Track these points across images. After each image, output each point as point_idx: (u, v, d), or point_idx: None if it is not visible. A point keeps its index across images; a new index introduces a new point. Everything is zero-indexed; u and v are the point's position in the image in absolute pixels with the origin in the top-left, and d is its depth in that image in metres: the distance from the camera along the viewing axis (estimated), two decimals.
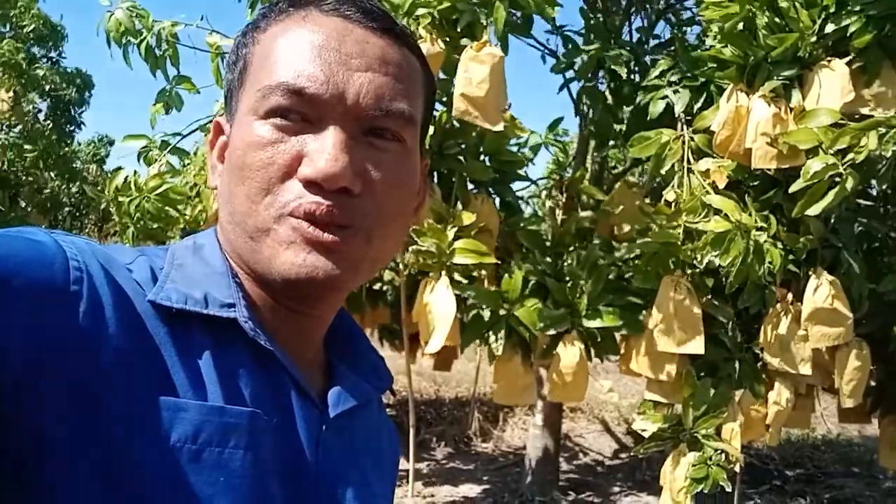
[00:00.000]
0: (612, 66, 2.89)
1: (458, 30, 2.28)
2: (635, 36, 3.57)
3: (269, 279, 0.54)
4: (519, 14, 2.62)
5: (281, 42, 0.55)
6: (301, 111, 0.53)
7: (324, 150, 0.52)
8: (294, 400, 0.55)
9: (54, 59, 5.79)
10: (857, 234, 2.63)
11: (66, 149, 5.95)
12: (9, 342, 0.41)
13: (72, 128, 6.24)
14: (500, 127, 2.28)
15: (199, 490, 0.47)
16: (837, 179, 2.00)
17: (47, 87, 5.70)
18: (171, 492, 0.46)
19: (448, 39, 2.30)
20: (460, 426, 5.44)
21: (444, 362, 3.54)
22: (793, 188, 2.12)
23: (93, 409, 0.44)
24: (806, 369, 2.40)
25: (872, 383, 2.88)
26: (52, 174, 5.89)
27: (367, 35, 0.55)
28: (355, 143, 0.53)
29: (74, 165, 6.31)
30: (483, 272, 2.79)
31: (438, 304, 2.40)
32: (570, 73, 3.25)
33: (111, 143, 7.04)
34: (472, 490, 4.46)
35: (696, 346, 2.35)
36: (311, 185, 0.52)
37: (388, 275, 3.78)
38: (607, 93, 3.18)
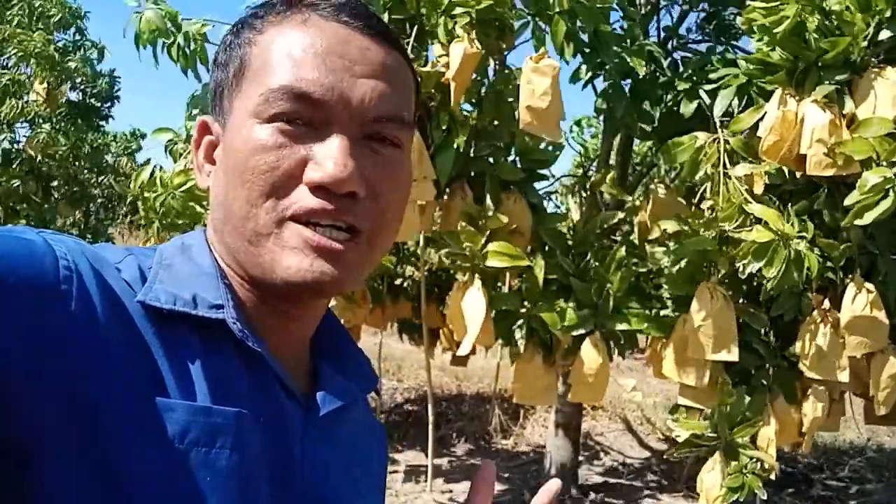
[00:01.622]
0: (632, 65, 2.84)
1: (507, 43, 2.26)
2: (662, 35, 3.51)
3: (268, 283, 0.54)
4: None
5: (282, 45, 0.54)
6: (305, 116, 0.53)
7: (331, 155, 0.52)
8: (281, 401, 0.55)
9: (79, 44, 5.81)
10: (892, 240, 2.58)
11: (99, 141, 6.00)
12: (0, 342, 0.41)
13: (101, 122, 6.28)
14: (560, 138, 2.29)
15: (186, 490, 0.47)
16: (891, 191, 1.96)
17: (79, 80, 5.74)
18: (158, 492, 0.46)
19: (486, 38, 2.29)
20: (481, 422, 5.44)
21: (462, 358, 3.54)
22: (849, 200, 2.08)
23: (82, 408, 0.44)
24: (844, 377, 2.36)
25: None
26: (84, 166, 5.95)
27: (368, 42, 0.56)
28: (358, 149, 0.54)
29: (106, 158, 6.35)
30: (508, 273, 2.78)
31: (471, 307, 2.40)
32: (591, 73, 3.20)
33: (143, 136, 7.08)
34: None
35: (732, 354, 2.33)
36: (318, 189, 0.52)
37: (408, 270, 3.79)
38: (631, 87, 3.13)
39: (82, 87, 6.00)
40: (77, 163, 5.74)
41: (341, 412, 0.60)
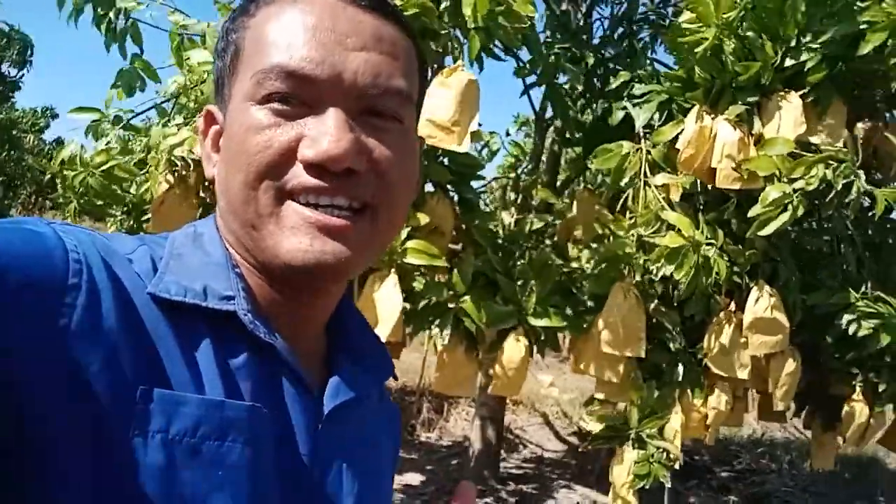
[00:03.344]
0: (571, 81, 2.97)
1: (438, 48, 2.30)
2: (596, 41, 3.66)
3: (273, 267, 0.53)
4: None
5: (273, 25, 0.53)
6: (299, 94, 0.52)
7: (325, 132, 0.51)
8: (293, 392, 0.54)
9: None
10: (794, 249, 2.82)
11: (4, 115, 5.65)
12: (8, 335, 0.40)
13: (10, 93, 5.93)
14: (465, 148, 2.32)
15: (198, 484, 0.47)
16: (790, 205, 2.15)
17: None
18: (170, 485, 0.45)
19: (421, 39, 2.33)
20: (406, 416, 5.50)
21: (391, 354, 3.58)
22: (752, 213, 2.26)
23: (91, 402, 0.43)
24: (744, 374, 2.55)
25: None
26: None
27: (360, 13, 0.54)
28: (356, 123, 0.53)
29: (14, 133, 5.99)
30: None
31: (385, 301, 2.42)
32: (531, 78, 3.32)
33: (55, 116, 6.70)
34: (415, 479, 4.53)
35: (638, 350, 2.47)
36: (313, 167, 0.51)
37: None
38: (567, 96, 3.26)
39: None
40: None
41: (356, 402, 0.58)
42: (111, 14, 2.74)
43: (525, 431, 5.62)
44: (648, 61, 3.03)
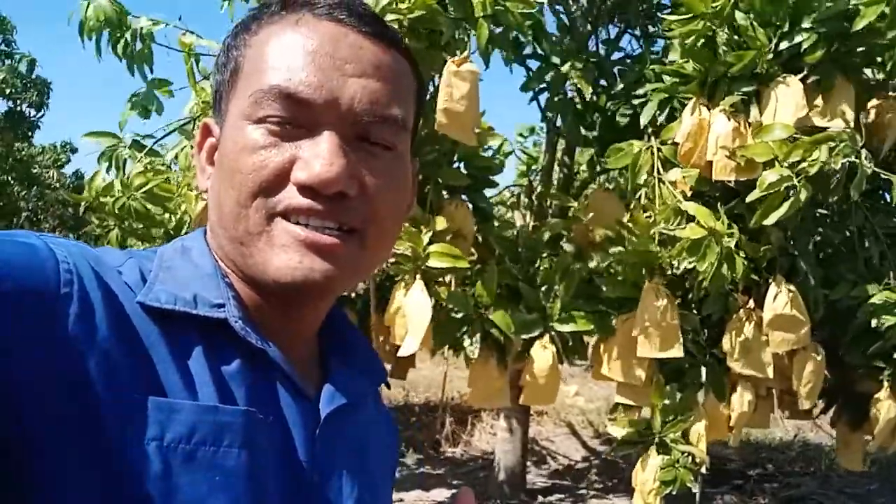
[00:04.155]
0: (578, 84, 2.97)
1: (443, 43, 2.32)
2: (601, 48, 3.66)
3: (263, 283, 0.54)
4: (500, 29, 2.67)
5: (274, 46, 0.54)
6: (295, 116, 0.52)
7: (318, 155, 0.52)
8: (288, 398, 0.55)
9: (7, 53, 5.64)
10: (813, 244, 2.76)
11: (24, 153, 5.81)
12: (4, 337, 0.41)
13: (29, 132, 6.10)
14: (474, 142, 2.34)
15: (195, 490, 0.47)
16: (792, 191, 2.11)
17: (7, 91, 5.57)
18: (167, 492, 0.46)
19: (426, 47, 2.34)
20: (429, 432, 5.47)
21: (402, 370, 3.56)
22: (749, 198, 2.22)
23: (86, 411, 0.44)
24: (768, 372, 2.50)
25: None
26: (10, 178, 5.75)
27: (361, 40, 0.55)
28: (349, 148, 0.53)
29: (34, 170, 6.15)
30: (452, 278, 2.83)
31: (414, 307, 2.41)
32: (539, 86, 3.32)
33: (74, 150, 6.88)
34: (441, 494, 4.49)
35: (676, 350, 2.43)
36: (306, 189, 0.52)
37: None
38: (576, 99, 3.26)
39: (11, 97, 5.82)
40: (3, 175, 5.55)
41: (352, 407, 0.59)
42: (127, 36, 2.78)
43: (552, 442, 5.55)
44: (651, 62, 3.01)
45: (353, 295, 3.85)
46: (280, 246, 0.52)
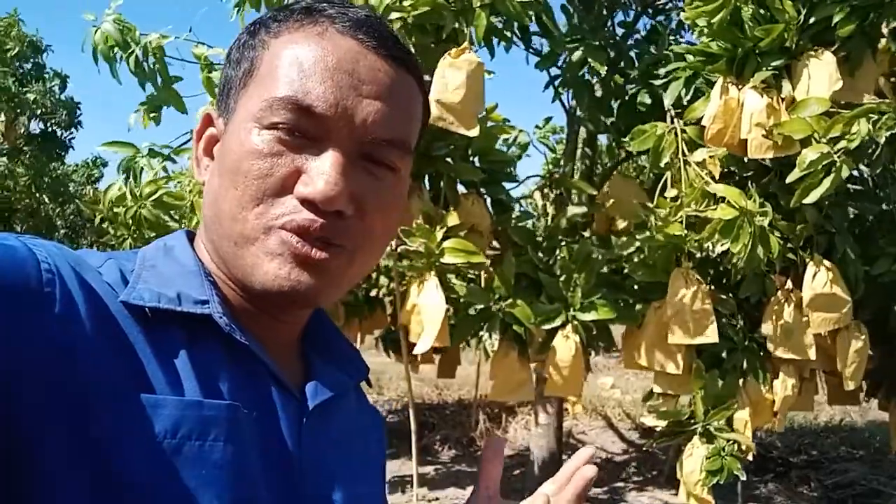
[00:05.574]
0: (593, 64, 2.90)
1: (444, 37, 2.28)
2: (618, 30, 3.59)
3: (248, 285, 0.55)
4: (503, 19, 2.62)
5: (294, 54, 0.54)
6: (305, 128, 0.53)
7: (323, 172, 0.52)
8: (273, 392, 0.55)
9: (39, 75, 5.75)
10: (849, 219, 2.66)
11: (58, 171, 5.94)
12: None
13: (61, 152, 6.23)
14: (475, 132, 2.28)
15: (182, 484, 0.47)
16: (833, 167, 2.02)
17: (38, 112, 5.69)
18: (153, 488, 0.46)
19: (432, 45, 2.31)
20: (464, 429, 5.45)
21: (448, 368, 3.54)
22: (790, 178, 2.14)
23: (72, 409, 0.44)
24: (810, 354, 2.42)
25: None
26: (46, 197, 5.88)
27: (380, 63, 0.55)
28: (352, 167, 0.54)
29: (68, 187, 6.28)
30: (480, 273, 2.79)
31: (428, 304, 2.38)
32: (554, 70, 3.27)
33: (104, 164, 7.02)
34: None
35: (711, 336, 2.36)
36: (307, 203, 0.53)
37: (383, 280, 3.78)
38: (596, 84, 3.20)
39: (42, 116, 5.95)
40: (38, 194, 5.67)
41: (336, 402, 0.60)
42: (138, 52, 2.81)
43: (588, 436, 5.49)
44: (670, 44, 2.93)
45: (381, 295, 3.84)
46: (272, 254, 0.53)
